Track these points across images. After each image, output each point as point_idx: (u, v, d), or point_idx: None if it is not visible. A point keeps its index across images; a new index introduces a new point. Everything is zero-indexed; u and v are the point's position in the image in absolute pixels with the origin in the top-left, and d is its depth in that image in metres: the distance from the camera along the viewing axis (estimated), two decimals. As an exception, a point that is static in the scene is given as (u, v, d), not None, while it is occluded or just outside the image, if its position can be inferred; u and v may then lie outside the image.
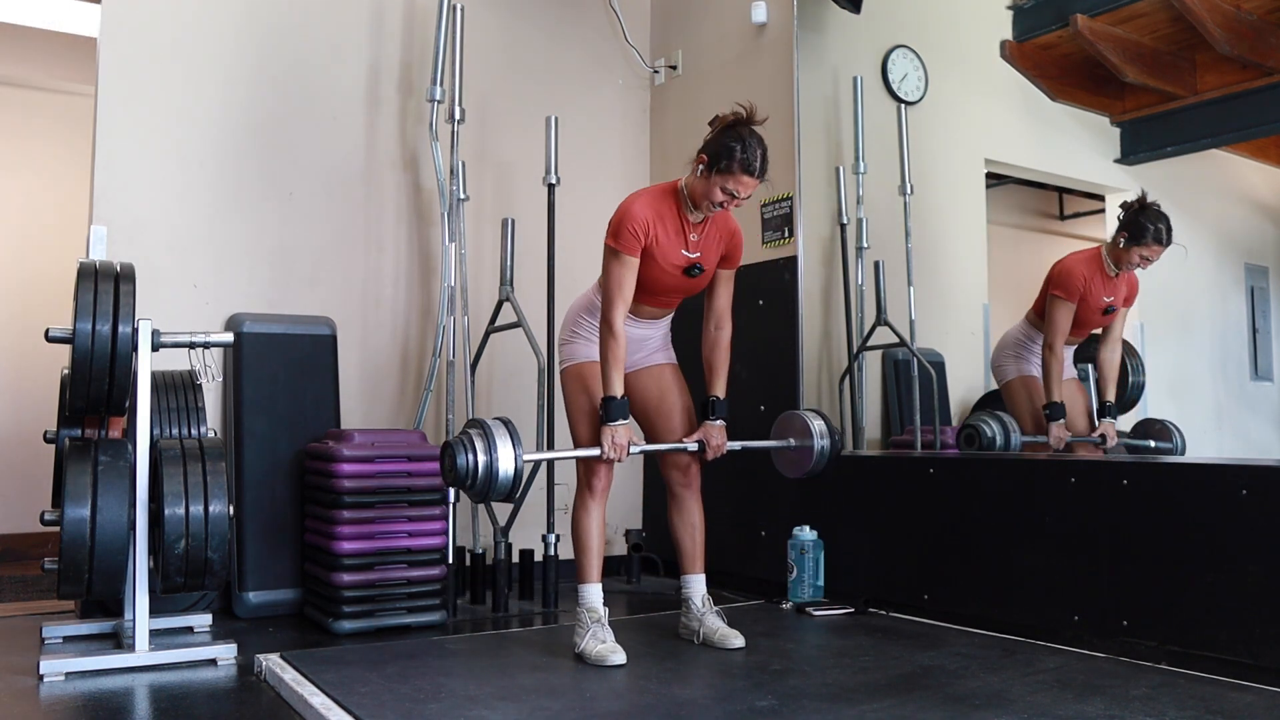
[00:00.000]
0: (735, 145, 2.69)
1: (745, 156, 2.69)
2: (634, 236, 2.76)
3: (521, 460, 2.61)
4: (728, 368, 3.02)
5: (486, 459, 2.58)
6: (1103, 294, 3.63)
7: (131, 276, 2.76)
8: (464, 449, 2.60)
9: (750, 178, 2.72)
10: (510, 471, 2.59)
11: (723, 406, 2.98)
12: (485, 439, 2.61)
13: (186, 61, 3.76)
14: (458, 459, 2.59)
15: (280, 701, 2.48)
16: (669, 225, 2.82)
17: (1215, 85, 3.81)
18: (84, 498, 2.63)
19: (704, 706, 2.38)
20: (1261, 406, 4.02)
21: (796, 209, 4.00)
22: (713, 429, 2.96)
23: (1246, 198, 4.18)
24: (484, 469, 2.58)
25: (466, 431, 2.66)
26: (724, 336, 3.01)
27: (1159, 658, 2.73)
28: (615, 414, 2.78)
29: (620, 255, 2.78)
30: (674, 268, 2.85)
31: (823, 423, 3.13)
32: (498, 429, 2.62)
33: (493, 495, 2.61)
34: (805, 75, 4.06)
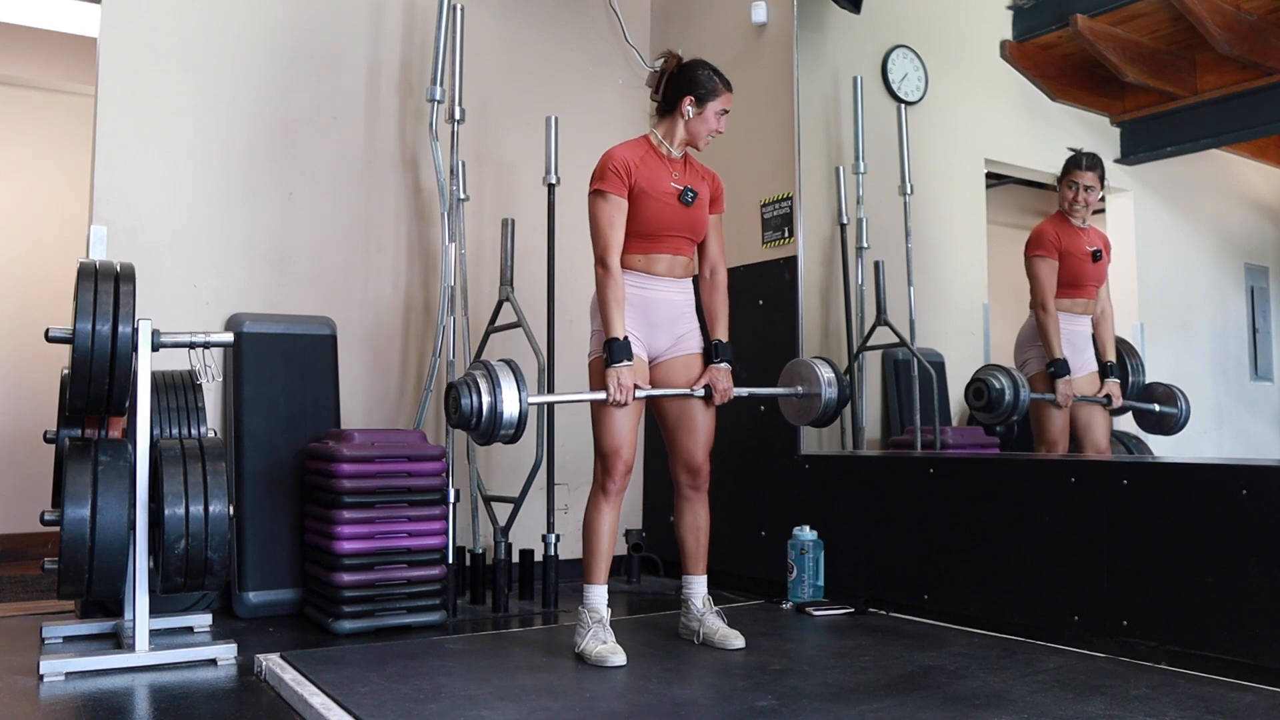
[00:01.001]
0: (704, 72, 2.93)
1: (720, 76, 2.94)
2: (616, 174, 2.85)
3: (526, 402, 2.61)
4: (728, 312, 3.04)
5: (491, 399, 2.58)
6: (1081, 243, 3.68)
7: (131, 276, 2.76)
8: (468, 390, 2.60)
9: (730, 91, 2.97)
10: (515, 413, 2.59)
11: (726, 349, 2.99)
12: (490, 380, 2.61)
13: (186, 61, 3.76)
14: (462, 400, 2.59)
15: (280, 701, 2.48)
16: (650, 163, 2.93)
17: (1215, 85, 3.81)
18: (84, 498, 2.63)
19: (704, 706, 2.38)
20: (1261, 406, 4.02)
21: (796, 209, 4.00)
22: (718, 372, 2.96)
23: (1246, 198, 4.19)
24: (488, 410, 2.58)
25: (471, 373, 2.66)
26: (720, 281, 3.05)
27: (1159, 658, 2.73)
28: (619, 355, 2.77)
29: (606, 195, 2.85)
30: (667, 196, 2.91)
31: (830, 371, 3.10)
32: (502, 370, 2.63)
33: (497, 436, 2.61)
34: (805, 75, 4.06)
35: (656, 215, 2.88)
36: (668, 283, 2.96)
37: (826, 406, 3.09)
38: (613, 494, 2.87)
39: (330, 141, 4.02)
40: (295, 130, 3.96)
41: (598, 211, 2.87)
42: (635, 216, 2.87)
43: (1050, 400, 3.62)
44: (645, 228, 2.89)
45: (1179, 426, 3.71)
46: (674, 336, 2.97)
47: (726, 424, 3.20)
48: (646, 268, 2.92)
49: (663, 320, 2.94)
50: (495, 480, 4.19)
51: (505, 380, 2.61)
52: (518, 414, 2.61)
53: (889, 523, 3.54)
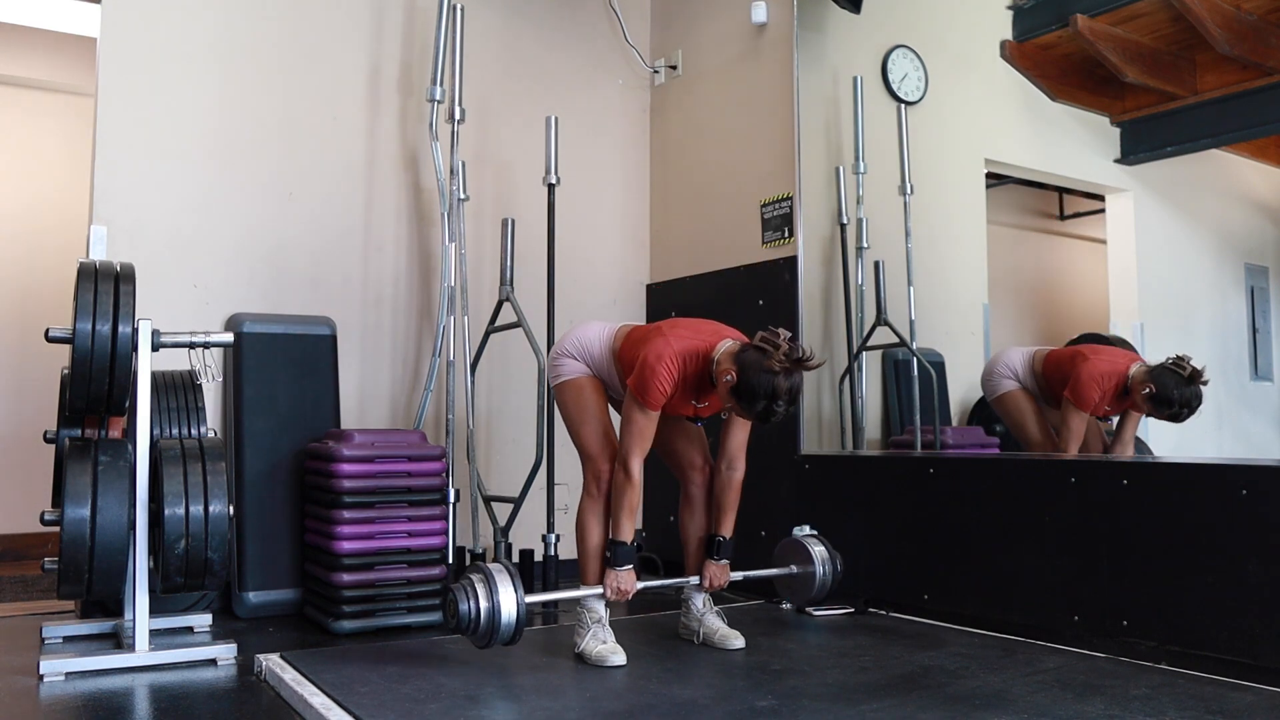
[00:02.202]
0: (762, 401, 2.58)
1: (763, 414, 2.61)
2: (661, 396, 2.72)
3: (523, 604, 2.61)
4: (736, 508, 2.99)
5: (489, 605, 2.59)
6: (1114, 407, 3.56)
7: (131, 276, 2.75)
8: (466, 595, 2.60)
9: (756, 422, 2.70)
10: (513, 616, 2.59)
11: (728, 547, 2.98)
12: (487, 584, 2.61)
13: (186, 61, 3.76)
14: (459, 605, 2.59)
15: (280, 701, 2.48)
16: (689, 385, 2.78)
17: (1215, 85, 3.81)
18: (84, 498, 2.63)
19: (704, 706, 2.38)
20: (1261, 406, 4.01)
21: (796, 209, 4.00)
22: (714, 568, 2.98)
23: (1246, 198, 4.18)
24: (486, 615, 2.59)
25: (468, 576, 2.66)
26: (736, 477, 2.96)
27: (1159, 658, 2.73)
28: (622, 560, 2.81)
29: (645, 410, 2.75)
30: (677, 414, 2.93)
31: (823, 548, 3.28)
32: (499, 573, 2.63)
33: (495, 641, 2.61)
34: (805, 75, 4.06)
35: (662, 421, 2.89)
36: None
37: (820, 585, 3.27)
38: (602, 494, 2.90)
39: (330, 141, 4.02)
40: (295, 130, 3.96)
41: (632, 419, 2.76)
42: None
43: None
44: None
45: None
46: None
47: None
48: None
49: None
50: (495, 480, 4.19)
51: (503, 583, 2.61)
52: (516, 617, 2.60)
53: (889, 523, 3.54)
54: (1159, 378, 3.36)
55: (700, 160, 4.56)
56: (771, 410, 2.59)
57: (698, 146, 4.57)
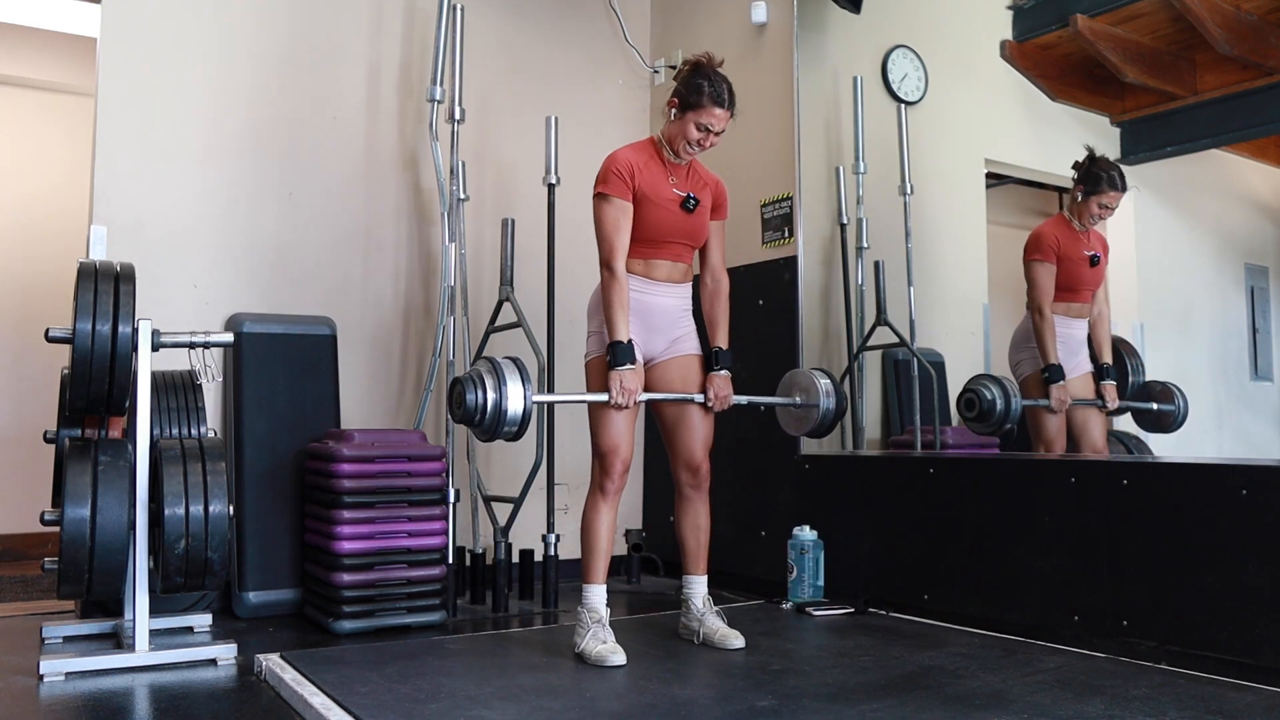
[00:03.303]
0: (702, 81, 2.85)
1: (713, 89, 2.84)
2: (619, 177, 2.85)
3: (530, 399, 2.62)
4: (728, 319, 3.05)
5: (495, 396, 2.59)
6: (1080, 248, 3.67)
7: (131, 276, 2.76)
8: (473, 385, 2.60)
9: (720, 109, 2.85)
10: (519, 410, 2.60)
11: (727, 356, 2.99)
12: (495, 376, 2.61)
13: (186, 61, 3.76)
14: (466, 395, 2.59)
15: (280, 701, 2.48)
16: (653, 168, 2.92)
17: (1215, 85, 3.81)
18: (84, 498, 2.63)
19: (704, 706, 2.38)
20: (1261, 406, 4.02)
21: (796, 209, 4.00)
22: (718, 379, 2.97)
23: (1246, 198, 4.18)
24: (493, 406, 2.59)
25: (476, 369, 2.66)
26: (722, 288, 3.05)
27: (1159, 658, 2.73)
28: (623, 358, 2.79)
29: (610, 198, 2.85)
30: (669, 202, 2.91)
31: (828, 381, 3.15)
32: (507, 367, 2.63)
33: (500, 433, 2.62)
34: (805, 75, 4.06)
35: (658, 221, 2.89)
36: (666, 288, 2.97)
37: (824, 416, 3.12)
38: (611, 493, 2.88)
39: (330, 141, 4.02)
40: (295, 130, 3.96)
41: (602, 215, 2.87)
42: (637, 222, 2.88)
43: (1045, 406, 3.62)
44: (646, 233, 2.89)
45: (1178, 424, 3.71)
46: (670, 339, 2.99)
47: (727, 424, 3.20)
48: (646, 273, 2.94)
49: (659, 325, 2.96)
50: (495, 480, 4.19)
51: (510, 377, 2.62)
52: (522, 411, 2.61)
53: (889, 523, 3.54)
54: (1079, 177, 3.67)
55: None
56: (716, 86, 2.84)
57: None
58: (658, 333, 2.96)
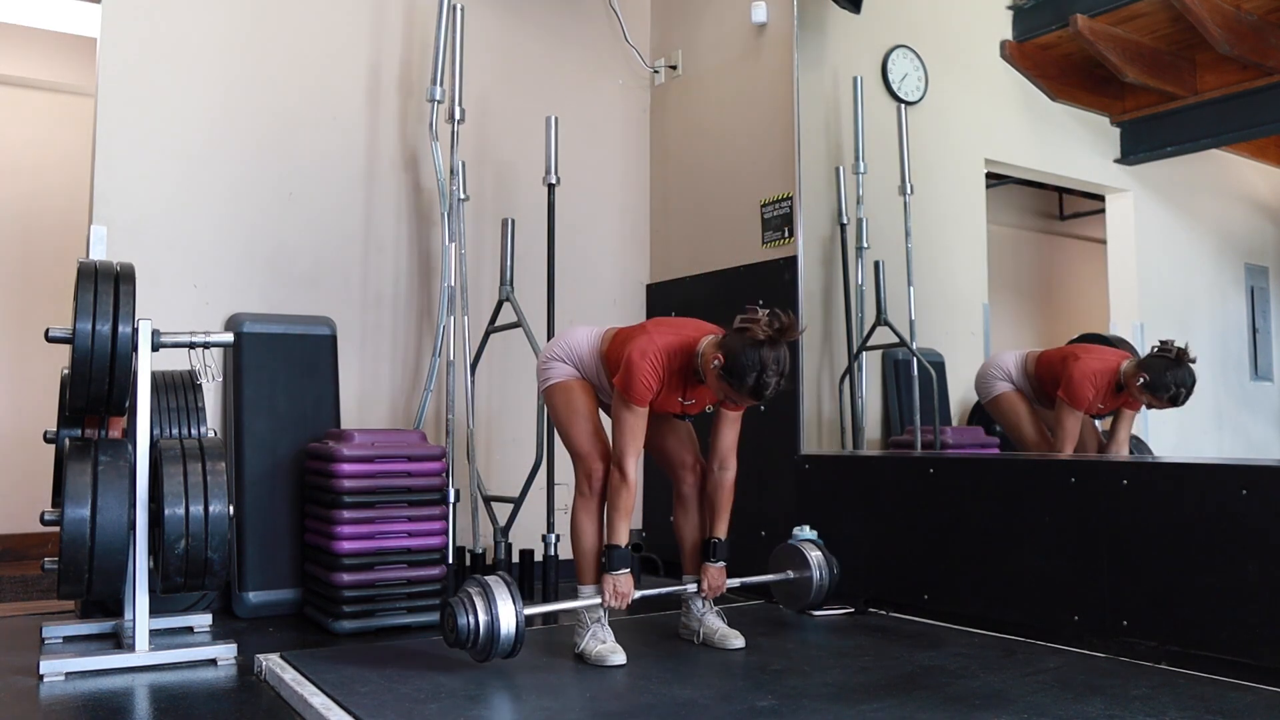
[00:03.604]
0: (752, 375, 2.59)
1: (756, 389, 2.61)
2: (647, 391, 2.74)
3: (523, 617, 2.60)
4: (730, 508, 3.00)
5: (488, 618, 2.57)
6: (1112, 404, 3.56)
7: (131, 276, 2.75)
8: (464, 609, 2.59)
9: (752, 401, 2.69)
10: (512, 629, 2.57)
11: (724, 549, 2.99)
12: (485, 598, 2.59)
13: (186, 61, 3.76)
14: (458, 620, 2.58)
15: (280, 701, 2.48)
16: (675, 381, 2.80)
17: (1215, 85, 3.81)
18: (84, 498, 2.63)
19: (704, 706, 2.38)
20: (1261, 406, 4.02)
21: (796, 209, 4.00)
22: (712, 570, 2.98)
23: (1246, 198, 4.18)
24: (485, 628, 2.57)
25: (466, 590, 2.65)
26: (728, 477, 2.98)
27: (1159, 658, 2.73)
28: (618, 563, 2.80)
29: (632, 406, 2.76)
30: (665, 410, 2.93)
31: (819, 553, 3.28)
32: (498, 586, 2.61)
33: (495, 654, 2.60)
34: (805, 75, 4.06)
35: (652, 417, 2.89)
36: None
37: (817, 590, 3.28)
38: (594, 495, 2.91)
39: (330, 141, 4.02)
40: (295, 130, 3.96)
41: (622, 419, 2.78)
42: None
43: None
44: None
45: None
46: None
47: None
48: None
49: None
50: (495, 480, 4.19)
51: (501, 597, 2.59)
52: (515, 630, 2.58)
53: (889, 523, 3.54)
54: (1149, 366, 3.40)
55: (700, 160, 4.55)
56: (763, 383, 2.59)
57: (698, 146, 4.57)
58: None
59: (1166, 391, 3.37)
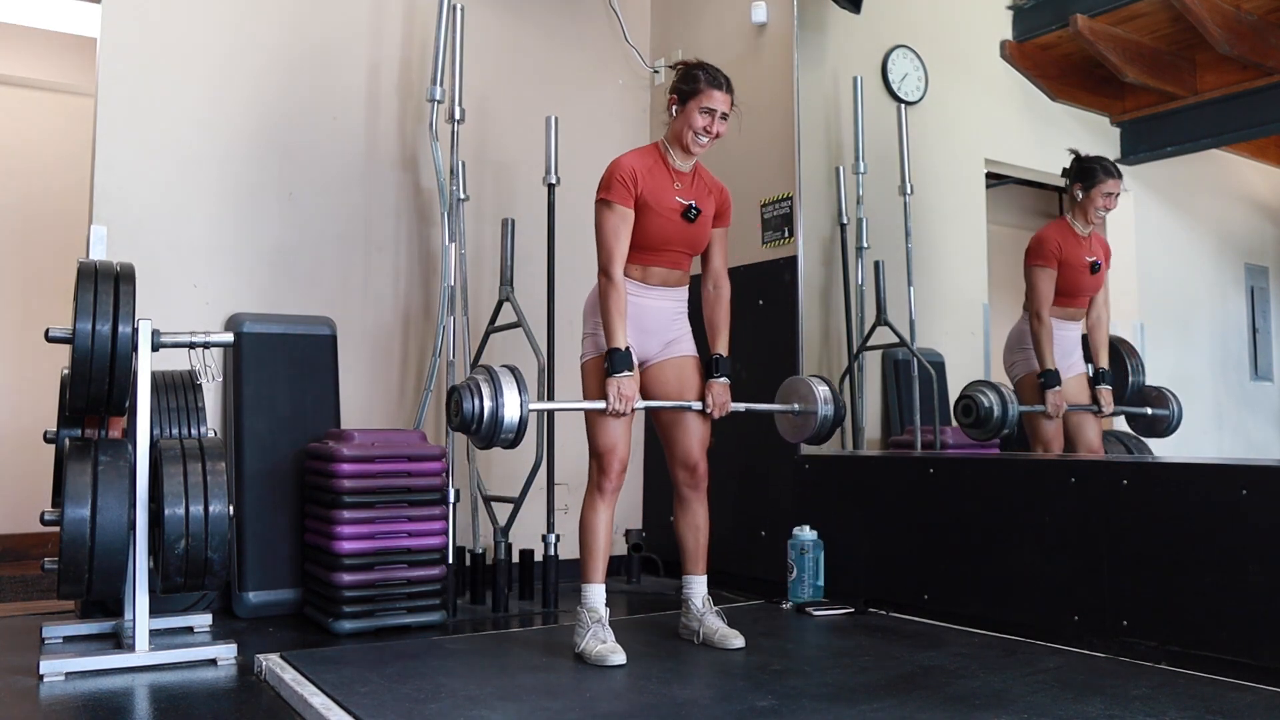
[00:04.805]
0: (696, 71, 2.89)
1: (708, 75, 2.88)
2: (623, 184, 2.83)
3: (527, 408, 2.63)
4: (729, 326, 3.04)
5: (493, 405, 2.60)
6: (1082, 253, 3.66)
7: (131, 276, 2.76)
8: (470, 394, 2.61)
9: (720, 92, 2.88)
10: (515, 418, 2.61)
11: (726, 364, 3.00)
12: (492, 384, 2.62)
13: (186, 61, 3.76)
14: (464, 404, 2.60)
15: (280, 701, 2.48)
16: (657, 174, 2.91)
17: (1215, 85, 3.81)
18: (84, 498, 2.63)
19: (704, 706, 2.38)
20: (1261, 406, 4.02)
21: (796, 209, 4.00)
22: (717, 386, 2.97)
23: (1246, 198, 4.19)
24: (489, 415, 2.60)
25: (473, 377, 2.67)
26: (723, 294, 3.05)
27: (1159, 658, 2.73)
28: (620, 365, 2.79)
29: (612, 205, 2.84)
30: (671, 212, 2.90)
31: (827, 389, 3.13)
32: (504, 375, 2.64)
33: (497, 440, 2.63)
34: (805, 75, 4.06)
35: (658, 229, 2.89)
36: (661, 292, 2.98)
37: (822, 424, 3.12)
38: (608, 493, 2.89)
39: (330, 141, 4.02)
40: (295, 130, 3.96)
41: (603, 221, 2.86)
42: (637, 228, 2.87)
43: (1041, 412, 3.62)
44: (646, 240, 2.89)
45: (1171, 429, 3.71)
46: (664, 342, 3.00)
47: (727, 424, 3.19)
48: (642, 278, 2.94)
49: (653, 327, 2.97)
50: (495, 480, 4.19)
51: (507, 385, 2.63)
52: (519, 419, 2.62)
53: (889, 523, 3.54)
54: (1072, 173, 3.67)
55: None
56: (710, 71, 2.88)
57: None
58: (652, 335, 2.97)
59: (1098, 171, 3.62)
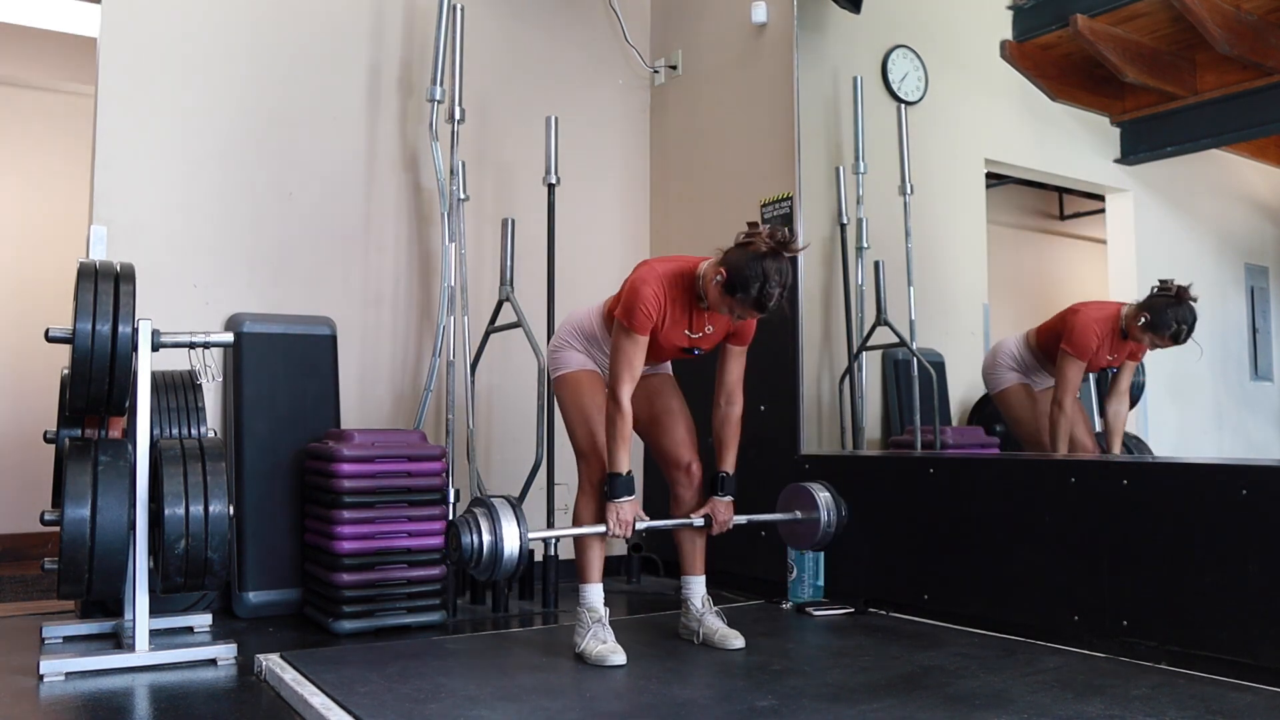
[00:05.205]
0: (756, 285, 2.59)
1: (759, 299, 2.61)
2: (647, 316, 2.73)
3: (526, 540, 2.60)
4: (738, 442, 2.99)
5: (492, 539, 2.57)
6: (1110, 352, 3.56)
7: (131, 276, 2.76)
8: (469, 529, 2.59)
9: (758, 314, 2.69)
10: (515, 552, 2.58)
11: (731, 483, 2.97)
12: (490, 519, 2.60)
13: (186, 61, 3.76)
14: (462, 538, 2.58)
15: (280, 701, 2.48)
16: (678, 309, 2.79)
17: (1215, 85, 3.81)
18: (84, 498, 2.63)
19: (704, 706, 2.38)
20: (1261, 406, 4.01)
21: (796, 209, 4.00)
22: (720, 504, 2.97)
23: (1246, 198, 4.18)
24: (489, 549, 2.57)
25: (472, 510, 2.65)
26: (735, 412, 2.98)
27: (1159, 658, 2.73)
28: (620, 491, 2.78)
29: (632, 334, 2.75)
30: (673, 347, 2.88)
31: (828, 495, 3.18)
32: (503, 508, 2.61)
33: (497, 575, 2.60)
34: (805, 75, 4.06)
35: (656, 354, 2.89)
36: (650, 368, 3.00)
37: (825, 531, 3.15)
38: (595, 494, 2.90)
39: (330, 141, 4.02)
40: (295, 130, 3.96)
41: (620, 346, 2.77)
42: None
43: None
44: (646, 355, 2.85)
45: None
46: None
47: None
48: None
49: None
50: (495, 480, 4.19)
51: (506, 519, 2.60)
52: (518, 552, 2.59)
53: (889, 523, 3.54)
54: (1151, 305, 3.42)
55: (700, 160, 4.55)
56: (766, 293, 2.59)
57: (698, 146, 4.57)
58: None
59: (1169, 329, 3.39)
